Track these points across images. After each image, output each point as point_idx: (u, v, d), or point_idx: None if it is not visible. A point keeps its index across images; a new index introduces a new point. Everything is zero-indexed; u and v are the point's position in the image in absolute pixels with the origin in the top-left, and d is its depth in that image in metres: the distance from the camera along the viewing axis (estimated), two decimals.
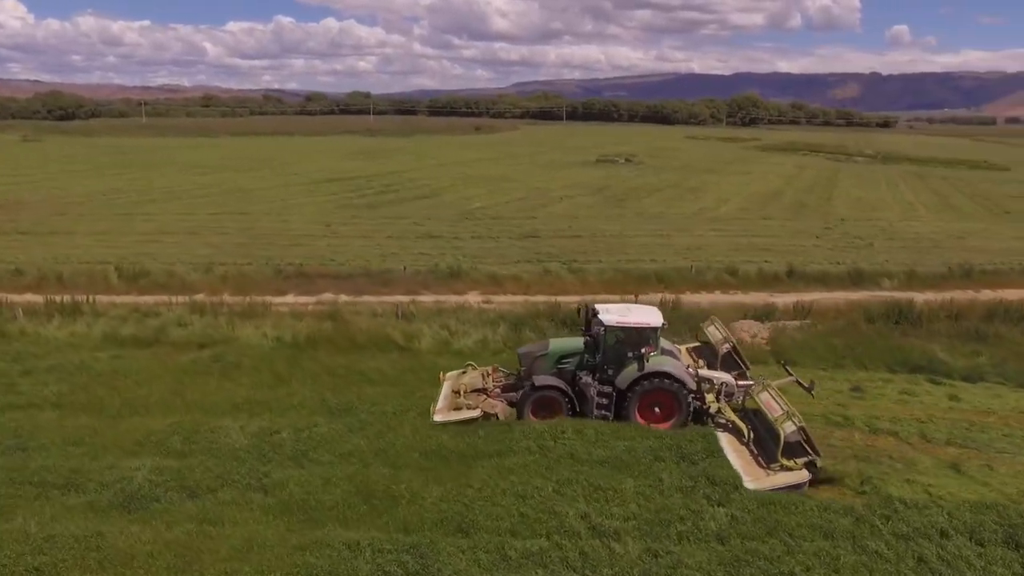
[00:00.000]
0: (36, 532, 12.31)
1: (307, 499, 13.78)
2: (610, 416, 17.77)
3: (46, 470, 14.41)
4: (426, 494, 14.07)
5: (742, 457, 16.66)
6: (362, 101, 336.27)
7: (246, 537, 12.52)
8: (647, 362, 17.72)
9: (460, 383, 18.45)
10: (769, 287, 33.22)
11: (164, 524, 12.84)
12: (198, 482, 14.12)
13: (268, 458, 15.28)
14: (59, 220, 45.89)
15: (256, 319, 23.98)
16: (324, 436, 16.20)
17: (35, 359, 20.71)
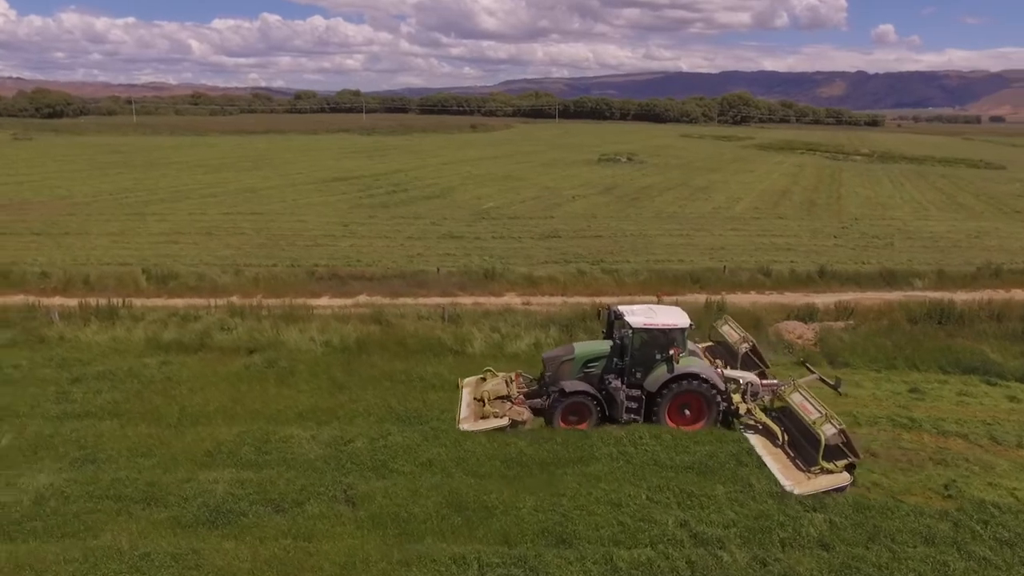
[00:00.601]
0: (129, 549, 11.87)
1: (398, 511, 13.37)
2: (640, 419, 17.59)
3: (121, 483, 13.92)
4: (520, 504, 13.72)
5: (778, 460, 16.48)
6: (352, 99, 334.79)
7: (346, 552, 12.11)
8: (677, 364, 17.51)
9: (483, 390, 18.07)
10: (803, 287, 32.99)
11: (257, 540, 12.40)
12: (282, 495, 13.66)
13: (347, 469, 14.84)
14: (70, 220, 45.04)
15: (300, 322, 23.42)
16: (400, 445, 15.77)
17: (82, 365, 20.10)
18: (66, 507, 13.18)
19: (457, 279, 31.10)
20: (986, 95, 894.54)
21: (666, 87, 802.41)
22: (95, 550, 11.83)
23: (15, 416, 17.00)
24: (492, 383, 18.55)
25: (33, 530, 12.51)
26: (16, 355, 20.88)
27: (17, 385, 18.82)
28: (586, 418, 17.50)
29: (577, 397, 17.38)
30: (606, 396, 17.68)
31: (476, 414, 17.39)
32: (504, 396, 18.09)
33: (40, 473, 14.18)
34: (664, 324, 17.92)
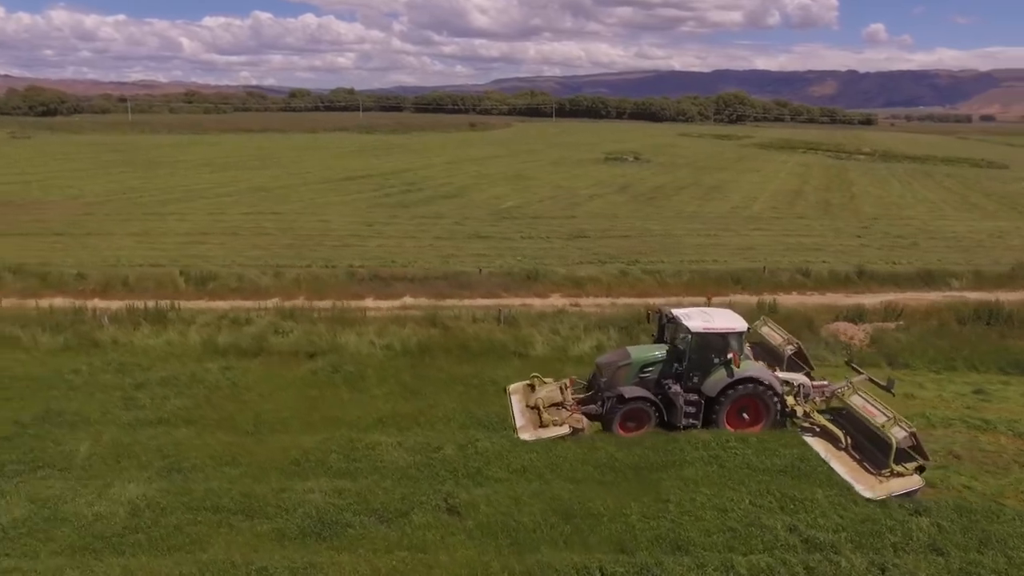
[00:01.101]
0: (243, 563, 11.55)
1: (505, 520, 13.10)
2: (698, 424, 17.38)
3: (215, 494, 13.56)
4: (626, 511, 13.50)
5: (845, 464, 16.29)
6: (346, 97, 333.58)
7: (464, 564, 11.86)
8: (737, 367, 17.32)
9: (536, 397, 17.73)
10: (842, 287, 32.90)
11: (371, 552, 12.11)
12: (383, 505, 13.36)
13: (442, 477, 14.54)
14: (89, 220, 44.43)
15: (355, 325, 23.08)
16: (490, 451, 15.50)
17: (142, 371, 19.68)
18: (164, 519, 12.81)
19: (499, 280, 30.79)
20: (976, 94, 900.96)
21: (659, 86, 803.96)
22: (208, 564, 11.49)
23: (88, 423, 16.60)
24: (546, 390, 18.18)
25: (138, 543, 12.15)
26: (73, 360, 20.44)
27: (81, 391, 18.40)
28: (644, 424, 17.25)
29: (636, 403, 17.12)
30: (664, 401, 17.44)
31: (534, 423, 17.07)
32: (558, 403, 17.78)
33: (129, 483, 13.79)
34: (722, 328, 17.76)
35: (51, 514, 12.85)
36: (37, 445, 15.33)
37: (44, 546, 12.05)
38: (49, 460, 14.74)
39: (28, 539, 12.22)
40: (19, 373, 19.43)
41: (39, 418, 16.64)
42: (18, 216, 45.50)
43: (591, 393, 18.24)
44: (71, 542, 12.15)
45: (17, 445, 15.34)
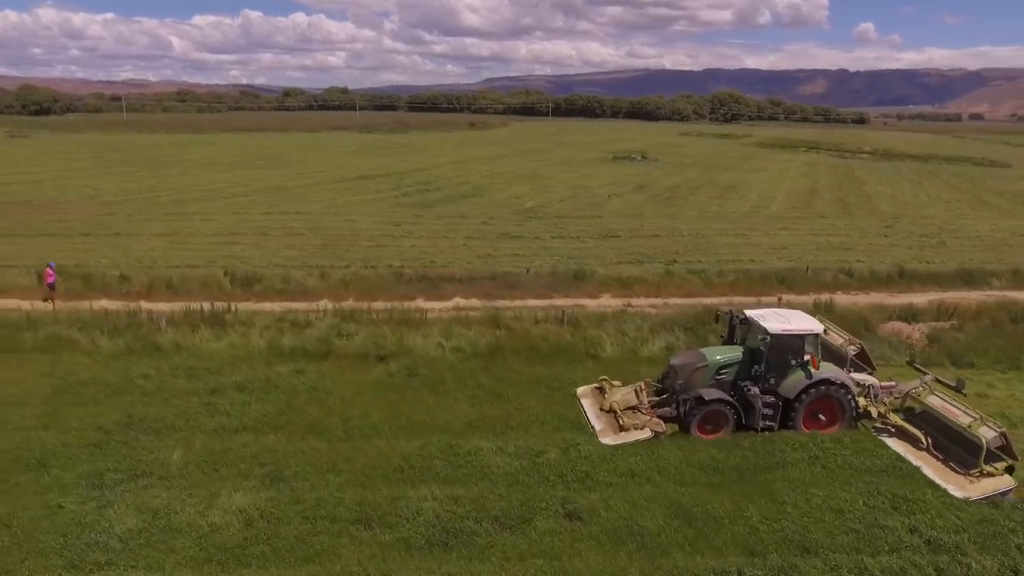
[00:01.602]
0: (377, 574, 11.24)
1: (628, 525, 12.91)
2: (775, 426, 17.23)
3: (327, 503, 13.25)
4: (746, 513, 13.42)
5: (930, 464, 16.17)
6: (340, 96, 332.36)
7: (601, 571, 11.66)
8: (816, 369, 17.24)
9: (611, 401, 17.51)
10: (885, 287, 32.81)
11: (504, 560, 11.89)
12: (503, 512, 13.10)
13: (552, 481, 14.31)
14: (112, 220, 43.85)
15: (418, 327, 22.77)
16: (594, 455, 15.29)
17: (212, 375, 19.32)
18: (283, 529, 12.49)
19: (546, 280, 30.54)
20: (965, 93, 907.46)
21: (650, 85, 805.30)
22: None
23: (172, 430, 16.23)
24: (620, 393, 17.93)
25: (262, 554, 11.83)
26: (138, 364, 20.04)
27: (155, 396, 18.03)
28: (722, 426, 17.07)
29: (715, 405, 16.96)
30: (741, 403, 17.26)
31: (613, 426, 16.84)
32: (633, 406, 17.54)
33: (235, 492, 13.45)
34: (799, 329, 17.63)
35: (165, 524, 12.52)
36: (129, 453, 14.97)
37: (166, 557, 11.71)
38: (145, 468, 14.38)
39: (149, 550, 11.88)
40: (87, 377, 19.03)
41: (122, 424, 16.26)
42: (39, 216, 44.88)
43: (665, 396, 18.01)
44: (192, 554, 11.82)
45: (109, 453, 14.98)
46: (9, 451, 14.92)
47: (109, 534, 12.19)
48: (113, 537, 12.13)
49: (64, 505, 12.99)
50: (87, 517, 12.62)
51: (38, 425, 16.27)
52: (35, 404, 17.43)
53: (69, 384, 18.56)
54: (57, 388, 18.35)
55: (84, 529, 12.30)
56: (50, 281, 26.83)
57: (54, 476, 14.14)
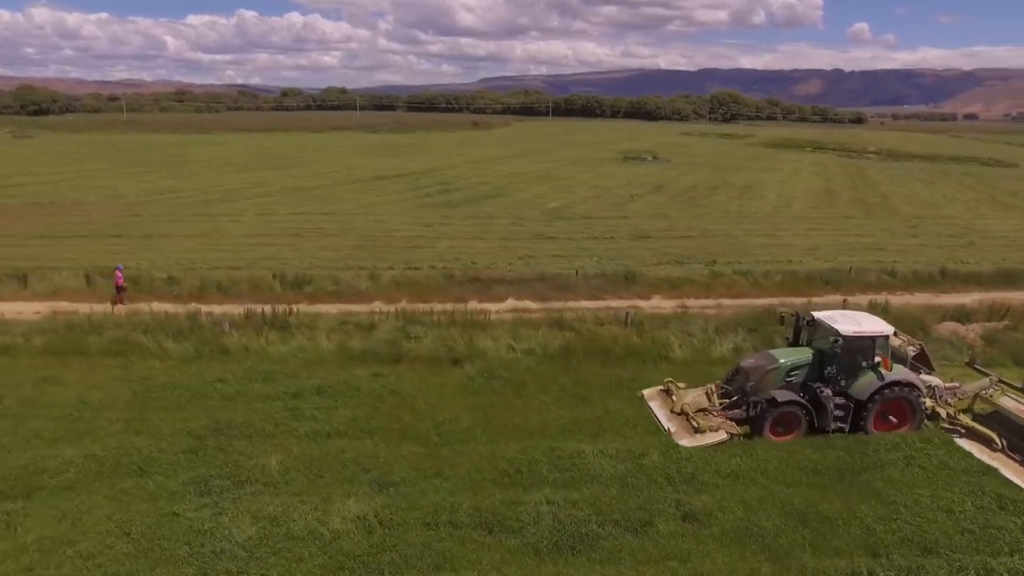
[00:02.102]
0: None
1: (746, 526, 12.94)
2: (846, 428, 17.19)
3: (444, 508, 13.11)
4: (859, 514, 13.42)
5: (1007, 466, 16.12)
6: (339, 96, 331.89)
7: (732, 572, 11.52)
8: (889, 371, 17.27)
9: (683, 403, 17.49)
10: (928, 287, 32.85)
11: (636, 563, 11.86)
12: (623, 514, 13.04)
13: (660, 483, 14.27)
14: (139, 222, 43.57)
15: (484, 329, 22.65)
16: (695, 456, 15.24)
17: (289, 379, 19.15)
18: (407, 536, 12.35)
19: (596, 282, 30.45)
20: (959, 93, 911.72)
21: (645, 84, 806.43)
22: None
23: (263, 435, 16.09)
24: (691, 395, 17.95)
25: (394, 562, 11.70)
26: (211, 368, 19.86)
27: (237, 401, 17.87)
28: (794, 428, 17.00)
29: (788, 407, 16.90)
30: (812, 405, 17.22)
31: (687, 429, 16.77)
32: (703, 409, 17.52)
33: (348, 499, 13.30)
34: (870, 331, 17.65)
35: (285, 532, 12.37)
36: (227, 459, 14.81)
37: (297, 566, 11.57)
38: (248, 475, 14.20)
39: (276, 558, 11.74)
40: (164, 382, 18.86)
41: (212, 430, 16.10)
42: (65, 217, 44.57)
43: (735, 398, 17.93)
44: (321, 562, 11.69)
45: (207, 459, 14.82)
46: (108, 457, 14.74)
47: (231, 542, 12.05)
48: (236, 545, 11.98)
49: (178, 512, 12.82)
50: (204, 524, 12.46)
51: (128, 430, 16.11)
52: (119, 409, 17.26)
53: (148, 389, 18.37)
54: (137, 393, 18.17)
55: (205, 537, 12.15)
56: (120, 284, 26.66)
57: (158, 482, 13.99)
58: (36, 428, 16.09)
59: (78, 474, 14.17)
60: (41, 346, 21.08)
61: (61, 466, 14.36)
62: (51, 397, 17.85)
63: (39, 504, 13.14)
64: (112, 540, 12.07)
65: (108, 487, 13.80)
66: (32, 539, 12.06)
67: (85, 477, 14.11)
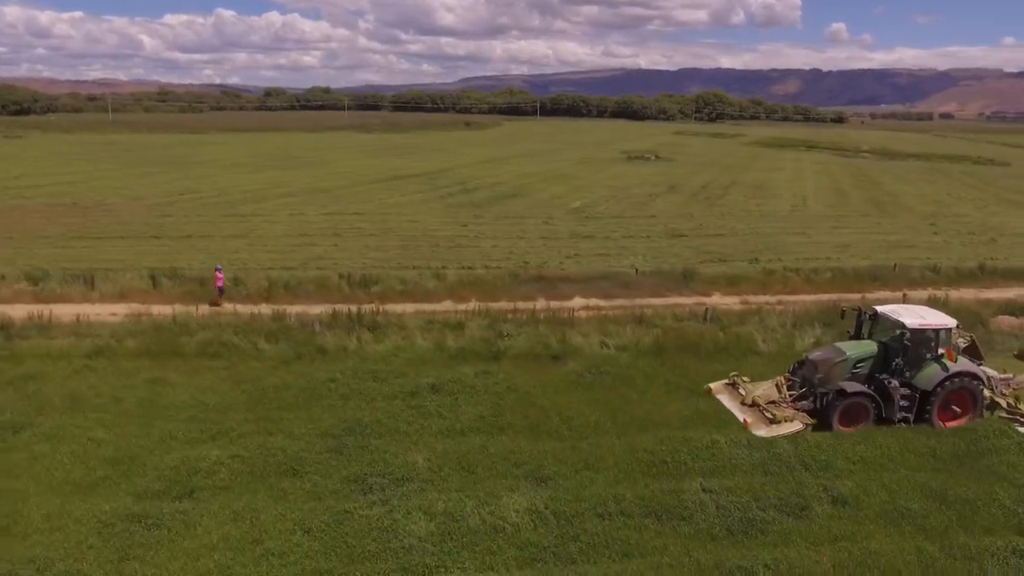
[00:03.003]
0: (711, 567, 11.51)
1: (895, 508, 13.63)
2: (911, 418, 17.68)
3: (610, 499, 13.46)
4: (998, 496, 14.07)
5: None
6: (323, 96, 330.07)
7: (904, 551, 12.14)
8: (954, 362, 17.79)
9: (754, 395, 17.93)
10: (971, 283, 33.54)
11: (811, 544, 12.40)
12: (779, 500, 13.60)
13: (798, 470, 14.86)
14: (172, 223, 43.24)
15: (572, 327, 22.96)
16: (824, 443, 15.89)
17: (398, 378, 19.26)
18: (584, 526, 12.62)
19: (656, 280, 30.91)
20: (935, 93, 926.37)
21: (626, 84, 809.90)
22: (674, 566, 11.44)
23: (398, 433, 16.28)
24: (761, 388, 18.41)
25: (583, 551, 11.99)
26: (316, 368, 19.93)
27: (355, 400, 17.99)
28: (862, 419, 17.46)
29: (857, 398, 17.35)
30: (879, 395, 17.68)
31: (762, 420, 17.17)
32: (774, 401, 17.97)
33: (512, 493, 13.54)
34: (935, 324, 18.25)
35: (463, 526, 12.59)
36: (373, 457, 14.96)
37: (494, 558, 11.82)
38: (402, 472, 14.39)
39: (468, 552, 11.96)
40: (274, 383, 18.91)
41: (345, 430, 16.24)
42: (93, 219, 44.17)
43: (804, 390, 18.28)
44: (514, 554, 11.94)
45: (354, 458, 14.96)
46: (253, 458, 14.84)
47: (415, 537, 12.25)
48: (421, 540, 12.18)
49: (349, 510, 12.97)
50: (382, 521, 12.64)
51: (260, 431, 16.19)
52: (240, 410, 17.34)
53: (262, 390, 18.43)
54: (251, 394, 18.24)
55: (390, 533, 12.33)
56: (220, 284, 26.66)
57: (315, 481, 14.13)
58: (168, 430, 16.14)
59: (231, 474, 14.27)
60: (136, 348, 21.05)
61: (212, 467, 14.45)
62: (167, 399, 17.88)
63: (206, 504, 13.24)
64: (297, 538, 12.22)
65: (267, 487, 13.93)
66: (216, 538, 12.17)
67: (240, 477, 14.22)
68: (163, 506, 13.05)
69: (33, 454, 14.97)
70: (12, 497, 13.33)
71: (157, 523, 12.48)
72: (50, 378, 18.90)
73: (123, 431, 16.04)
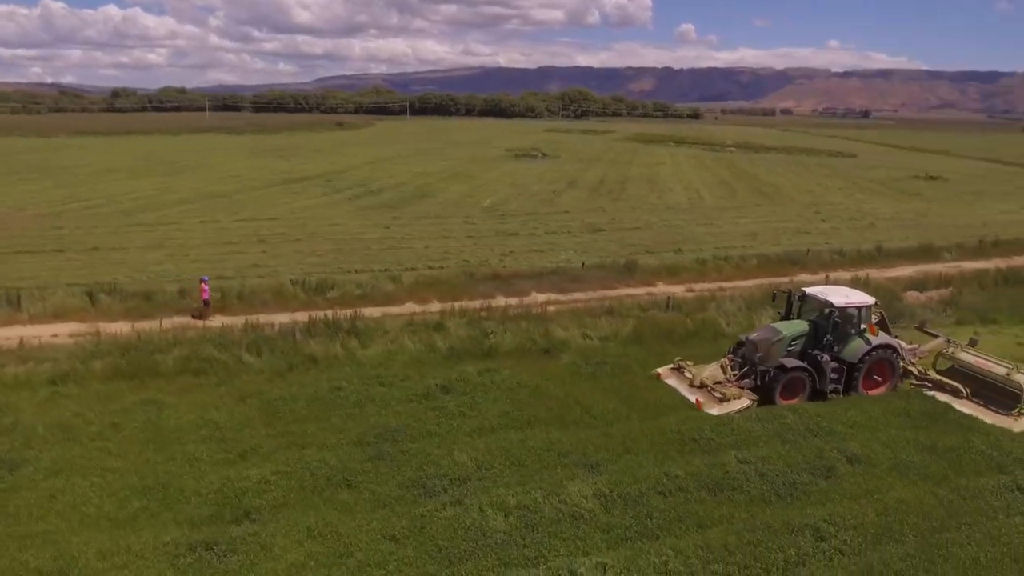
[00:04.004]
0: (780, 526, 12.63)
1: (899, 461, 15.44)
2: (840, 388, 19.38)
3: (664, 478, 14.26)
4: (974, 443, 16.31)
5: (977, 410, 18.83)
6: (177, 96, 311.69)
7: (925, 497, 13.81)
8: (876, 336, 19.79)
9: (701, 377, 19.12)
10: (871, 263, 37.14)
11: (845, 499, 13.88)
12: (807, 464, 15.07)
13: (808, 437, 16.48)
14: (70, 235, 39.76)
15: (553, 321, 23.58)
16: (822, 412, 17.69)
17: (404, 380, 19.05)
18: (652, 503, 13.36)
19: (601, 273, 32.08)
20: (774, 90, 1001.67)
21: (486, 82, 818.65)
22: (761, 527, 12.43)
23: (431, 435, 16.27)
24: (708, 370, 19.56)
25: (662, 527, 12.71)
26: (317, 378, 19.37)
27: (372, 406, 17.72)
28: (799, 392, 19.01)
29: (796, 372, 18.83)
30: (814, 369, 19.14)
31: (713, 400, 18.34)
32: (720, 381, 19.19)
33: (571, 481, 14.00)
34: (859, 302, 20.13)
35: (540, 517, 12.91)
36: (421, 460, 14.92)
37: (585, 542, 12.27)
38: (455, 472, 14.50)
39: (559, 540, 12.33)
40: (280, 395, 18.19)
41: (378, 437, 16.05)
42: None
43: (745, 369, 19.59)
44: (601, 537, 12.44)
45: (400, 463, 14.85)
46: (298, 472, 14.39)
47: (501, 532, 12.47)
48: (509, 534, 12.42)
49: (424, 514, 12.96)
50: (463, 521, 12.73)
51: (290, 444, 15.70)
52: (256, 426, 16.65)
53: (269, 404, 17.73)
54: (260, 408, 17.53)
55: (475, 531, 12.46)
56: (206, 297, 24.99)
57: (372, 490, 13.93)
58: (188, 452, 15.32)
59: (283, 491, 13.81)
60: (105, 370, 19.56)
61: (258, 486, 13.92)
62: (170, 421, 16.87)
63: (271, 524, 12.76)
64: (386, 547, 12.10)
65: (325, 500, 13.62)
66: (301, 556, 11.84)
67: (293, 493, 13.79)
68: (225, 530, 12.48)
69: (47, 491, 13.79)
70: (49, 539, 12.29)
71: (231, 548, 11.94)
72: (20, 409, 17.29)
73: (139, 458, 15.07)
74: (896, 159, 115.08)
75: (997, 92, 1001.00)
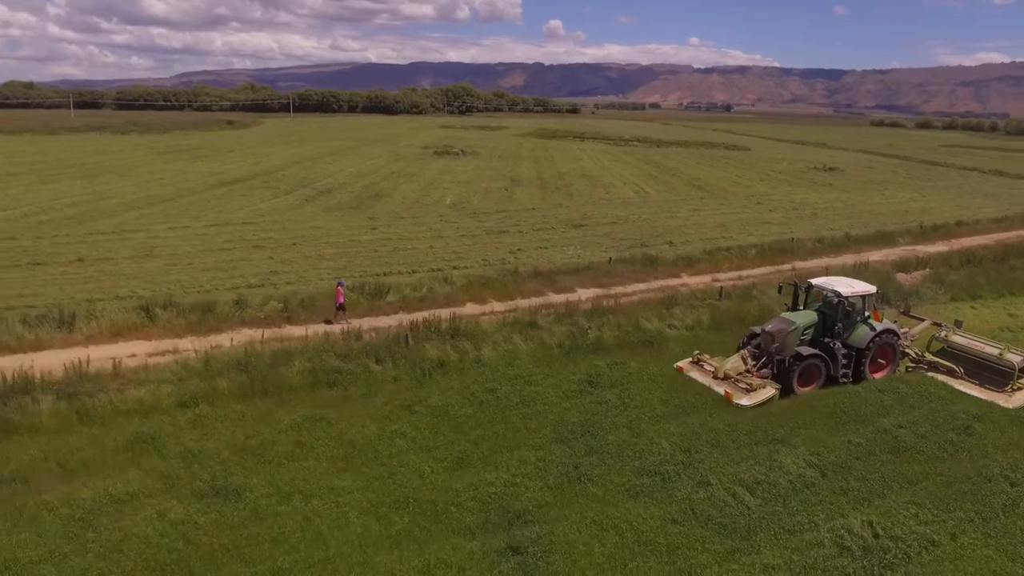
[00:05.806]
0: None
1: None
2: (850, 373, 20.52)
3: (850, 446, 16.10)
4: None
5: (973, 388, 20.28)
6: (24, 92, 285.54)
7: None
8: (879, 323, 21.09)
9: (725, 369, 19.78)
10: (845, 250, 40.71)
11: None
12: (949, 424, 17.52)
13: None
14: (32, 246, 36.62)
15: (626, 315, 24.71)
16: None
17: (549, 379, 19.82)
18: (855, 468, 15.03)
19: (627, 268, 33.51)
20: (641, 85, 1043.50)
21: (356, 78, 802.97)
22: (950, 483, 14.09)
23: (616, 427, 17.08)
24: (731, 362, 20.17)
25: (881, 484, 14.56)
26: (462, 381, 19.61)
27: (538, 405, 18.30)
28: (815, 379, 20.00)
29: (812, 360, 19.75)
30: (827, 356, 20.15)
31: (740, 391, 19.07)
32: (743, 372, 19.91)
33: (778, 456, 15.38)
34: (864, 291, 21.33)
35: (780, 489, 14.32)
36: (629, 452, 15.82)
37: (830, 506, 13.90)
38: (673, 458, 15.54)
39: (817, 505, 13.90)
40: (445, 401, 18.31)
41: (571, 432, 16.77)
42: None
43: (763, 359, 20.30)
44: (841, 499, 14.19)
45: (613, 454, 15.62)
46: (537, 473, 14.91)
47: (763, 505, 13.78)
48: (765, 506, 13.83)
49: (685, 497, 14.04)
50: (722, 499, 13.94)
51: (498, 448, 16.07)
52: (448, 433, 16.78)
53: (442, 411, 17.81)
54: (440, 416, 17.65)
55: (742, 507, 13.78)
56: (341, 301, 24.16)
57: (613, 482, 14.70)
58: (415, 464, 15.37)
59: (536, 492, 14.19)
60: (231, 388, 18.78)
61: (509, 490, 14.29)
62: (355, 435, 16.54)
63: (553, 524, 13.12)
64: (675, 528, 13.09)
65: (579, 495, 14.14)
66: (609, 548, 12.49)
67: (547, 493, 14.21)
68: (513, 534, 12.74)
69: (299, 516, 13.39)
70: (348, 562, 12.07)
71: (543, 551, 12.33)
72: (180, 436, 16.42)
73: (359, 474, 14.86)
74: (787, 152, 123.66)
75: (840, 88, 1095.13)
